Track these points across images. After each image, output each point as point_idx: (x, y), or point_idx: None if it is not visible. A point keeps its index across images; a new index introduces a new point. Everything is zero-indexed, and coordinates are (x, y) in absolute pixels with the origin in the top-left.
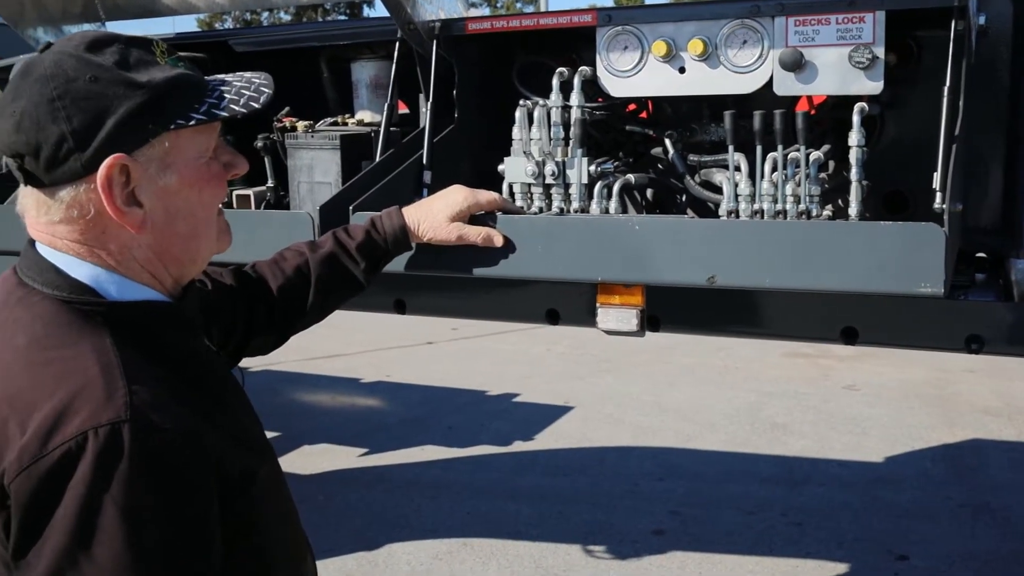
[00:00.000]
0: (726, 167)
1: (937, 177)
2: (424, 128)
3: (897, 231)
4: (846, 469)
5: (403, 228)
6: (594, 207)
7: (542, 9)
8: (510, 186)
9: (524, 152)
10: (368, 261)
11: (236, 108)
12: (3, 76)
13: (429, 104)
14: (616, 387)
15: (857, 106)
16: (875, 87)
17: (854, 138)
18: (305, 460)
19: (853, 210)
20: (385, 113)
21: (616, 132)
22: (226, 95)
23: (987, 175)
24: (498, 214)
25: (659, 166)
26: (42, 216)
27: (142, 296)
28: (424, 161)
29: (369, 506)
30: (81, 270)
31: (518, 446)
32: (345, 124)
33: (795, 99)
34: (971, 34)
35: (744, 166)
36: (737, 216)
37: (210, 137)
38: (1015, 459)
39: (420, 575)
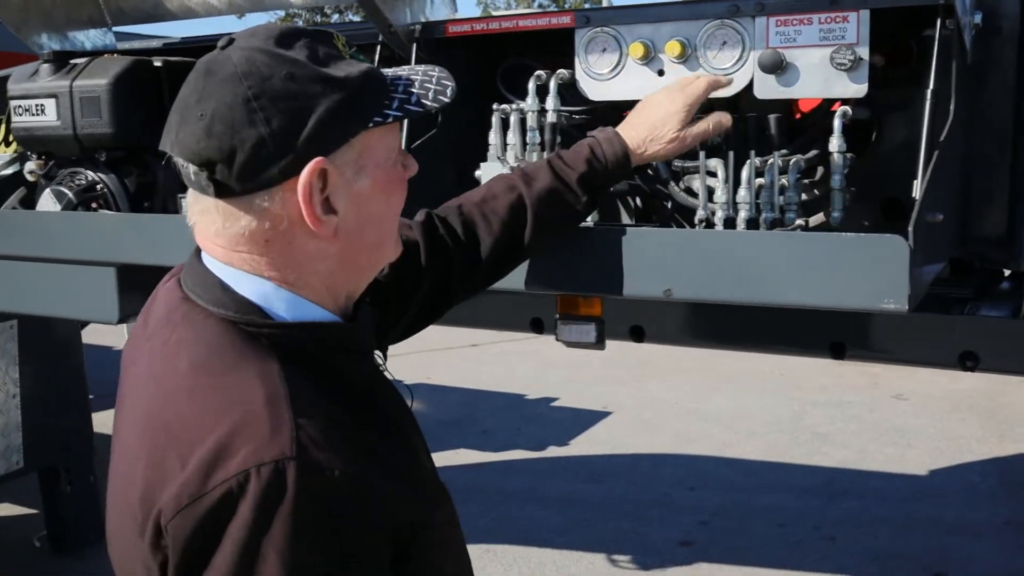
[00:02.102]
0: (708, 172)
1: (917, 185)
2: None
3: (858, 243)
4: (886, 482)
5: (625, 153)
6: None
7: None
8: None
9: (498, 158)
10: (589, 194)
11: (428, 103)
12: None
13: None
14: (657, 393)
15: (840, 110)
16: (859, 90)
17: (835, 144)
18: None
19: (835, 219)
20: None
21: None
22: (413, 90)
23: (990, 182)
24: None
25: (647, 171)
26: (226, 228)
27: (314, 316)
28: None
29: None
30: (249, 286)
31: (552, 451)
32: None
33: (787, 102)
34: (963, 33)
35: (721, 172)
36: (710, 225)
37: (396, 137)
38: None
39: None
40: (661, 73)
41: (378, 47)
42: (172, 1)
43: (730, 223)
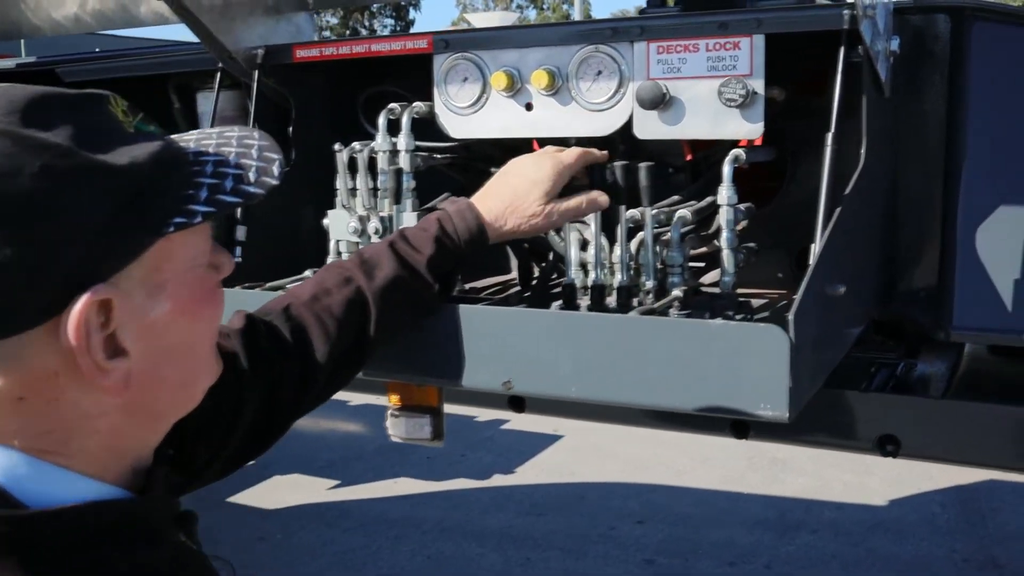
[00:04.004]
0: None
1: (814, 249)
2: None
3: (727, 335)
4: (843, 513)
5: (480, 227)
6: None
7: (578, 12)
8: (336, 243)
9: (343, 206)
10: (441, 280)
11: (249, 189)
12: None
13: None
14: None
15: (731, 154)
16: (753, 130)
17: (724, 195)
18: (272, 493)
19: (725, 283)
20: None
21: (477, 174)
22: (226, 170)
23: (918, 231)
24: None
25: None
26: None
27: (81, 495)
28: (238, 214)
29: (327, 546)
30: None
31: (496, 480)
32: None
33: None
34: (876, 63)
35: (589, 229)
36: (573, 294)
37: (204, 237)
38: None
39: None
40: (529, 107)
41: (217, 75)
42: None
43: (599, 291)
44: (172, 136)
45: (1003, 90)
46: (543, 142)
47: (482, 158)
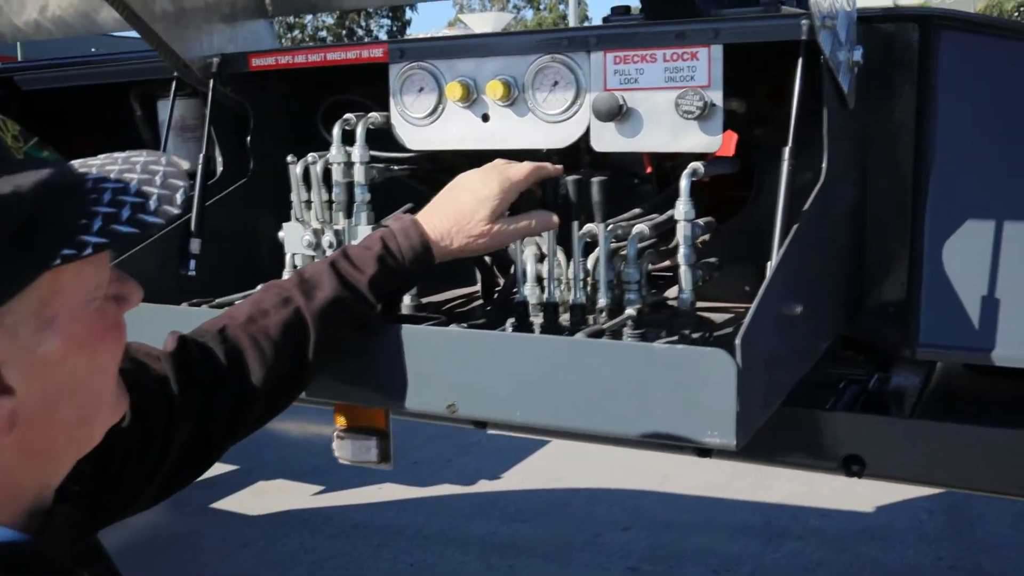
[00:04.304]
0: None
1: (770, 267)
2: (195, 185)
3: (673, 357)
4: (829, 520)
5: (425, 245)
6: None
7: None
8: (292, 257)
9: (297, 219)
10: (384, 301)
11: (147, 218)
12: None
13: (201, 156)
14: None
15: (689, 167)
16: (711, 142)
17: (681, 210)
18: (256, 499)
19: (683, 300)
20: (201, 164)
21: (441, 185)
22: (124, 198)
23: (886, 246)
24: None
25: None
26: None
27: None
28: (192, 227)
29: (309, 553)
30: None
31: (482, 485)
32: None
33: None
34: (837, 74)
35: (546, 243)
36: (527, 311)
37: (101, 268)
38: (1021, 512)
39: None
40: (486, 118)
41: (173, 83)
42: None
43: (552, 309)
44: (75, 161)
45: (971, 101)
46: (500, 154)
47: (446, 168)
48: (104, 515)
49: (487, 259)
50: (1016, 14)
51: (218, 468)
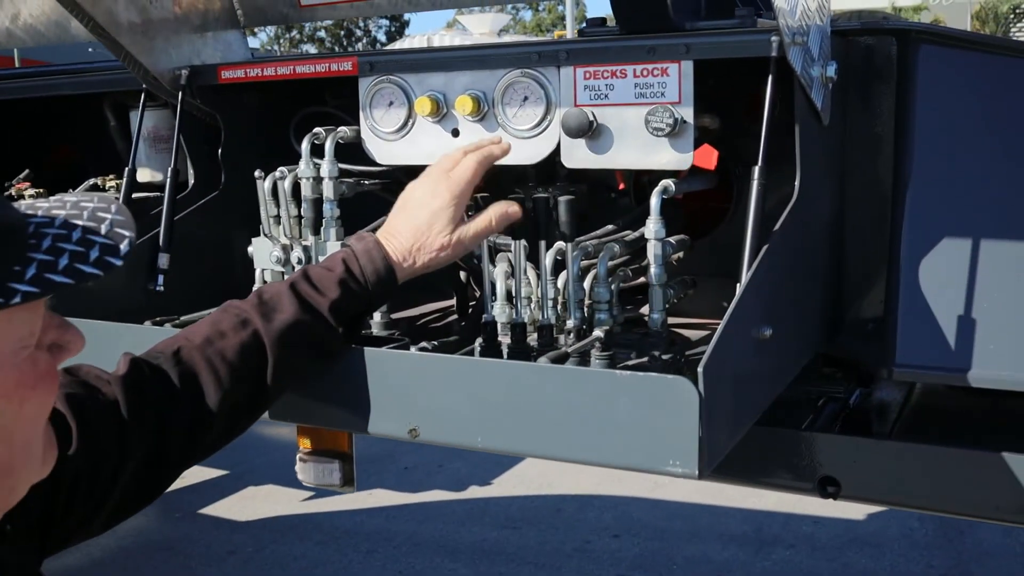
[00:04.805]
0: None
1: (739, 288)
2: (165, 198)
3: (635, 385)
4: (820, 528)
5: (388, 268)
6: None
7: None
8: (261, 272)
9: (265, 234)
10: (346, 324)
11: (85, 268)
12: None
13: (171, 169)
14: None
15: (660, 185)
16: (682, 160)
17: (651, 228)
18: (245, 505)
19: (653, 320)
20: (169, 177)
21: None
22: (64, 245)
23: (864, 264)
24: None
25: None
26: None
27: None
28: (160, 241)
29: (297, 560)
30: None
31: (472, 492)
32: (105, 187)
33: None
34: (809, 90)
35: (510, 262)
36: (495, 330)
37: (34, 315)
38: None
39: None
40: (456, 133)
41: (142, 95)
42: None
43: (520, 329)
44: (23, 202)
45: (949, 116)
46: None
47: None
48: (54, 544)
49: (462, 274)
50: (1012, 16)
51: (207, 473)
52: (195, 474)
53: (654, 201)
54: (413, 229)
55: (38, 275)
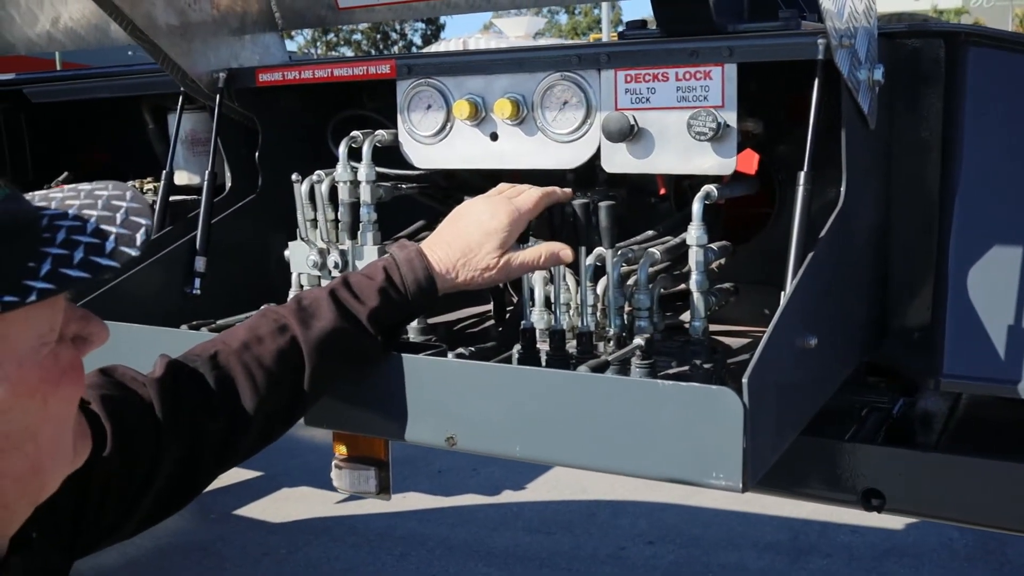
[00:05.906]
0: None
1: (783, 297)
2: (203, 201)
3: (678, 395)
4: (858, 537)
5: (430, 278)
6: None
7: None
8: (298, 276)
9: (302, 239)
10: (385, 333)
11: (102, 261)
12: None
13: (207, 172)
14: None
15: (703, 190)
16: (725, 165)
17: (693, 235)
18: (279, 506)
19: (694, 328)
20: (207, 180)
21: (456, 202)
22: (79, 238)
23: (911, 271)
24: None
25: None
26: None
27: None
28: (197, 244)
29: (331, 562)
30: None
31: (506, 496)
32: (143, 189)
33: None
34: (856, 94)
35: (558, 268)
36: (534, 337)
37: (54, 311)
38: None
39: None
40: (495, 137)
41: (180, 97)
42: None
43: (559, 336)
44: (37, 193)
45: (999, 120)
46: (510, 174)
47: (460, 185)
48: (84, 546)
49: None
50: None
51: (242, 475)
52: (230, 476)
53: (696, 207)
54: (463, 244)
55: (53, 270)
